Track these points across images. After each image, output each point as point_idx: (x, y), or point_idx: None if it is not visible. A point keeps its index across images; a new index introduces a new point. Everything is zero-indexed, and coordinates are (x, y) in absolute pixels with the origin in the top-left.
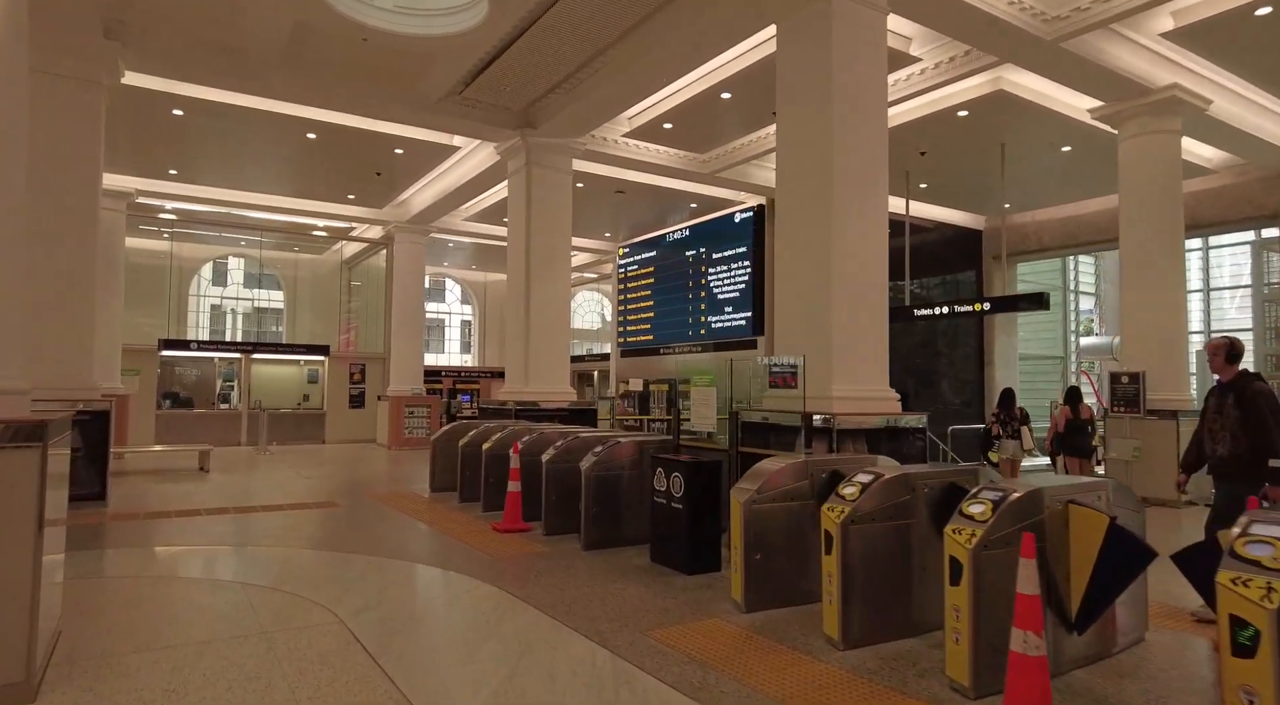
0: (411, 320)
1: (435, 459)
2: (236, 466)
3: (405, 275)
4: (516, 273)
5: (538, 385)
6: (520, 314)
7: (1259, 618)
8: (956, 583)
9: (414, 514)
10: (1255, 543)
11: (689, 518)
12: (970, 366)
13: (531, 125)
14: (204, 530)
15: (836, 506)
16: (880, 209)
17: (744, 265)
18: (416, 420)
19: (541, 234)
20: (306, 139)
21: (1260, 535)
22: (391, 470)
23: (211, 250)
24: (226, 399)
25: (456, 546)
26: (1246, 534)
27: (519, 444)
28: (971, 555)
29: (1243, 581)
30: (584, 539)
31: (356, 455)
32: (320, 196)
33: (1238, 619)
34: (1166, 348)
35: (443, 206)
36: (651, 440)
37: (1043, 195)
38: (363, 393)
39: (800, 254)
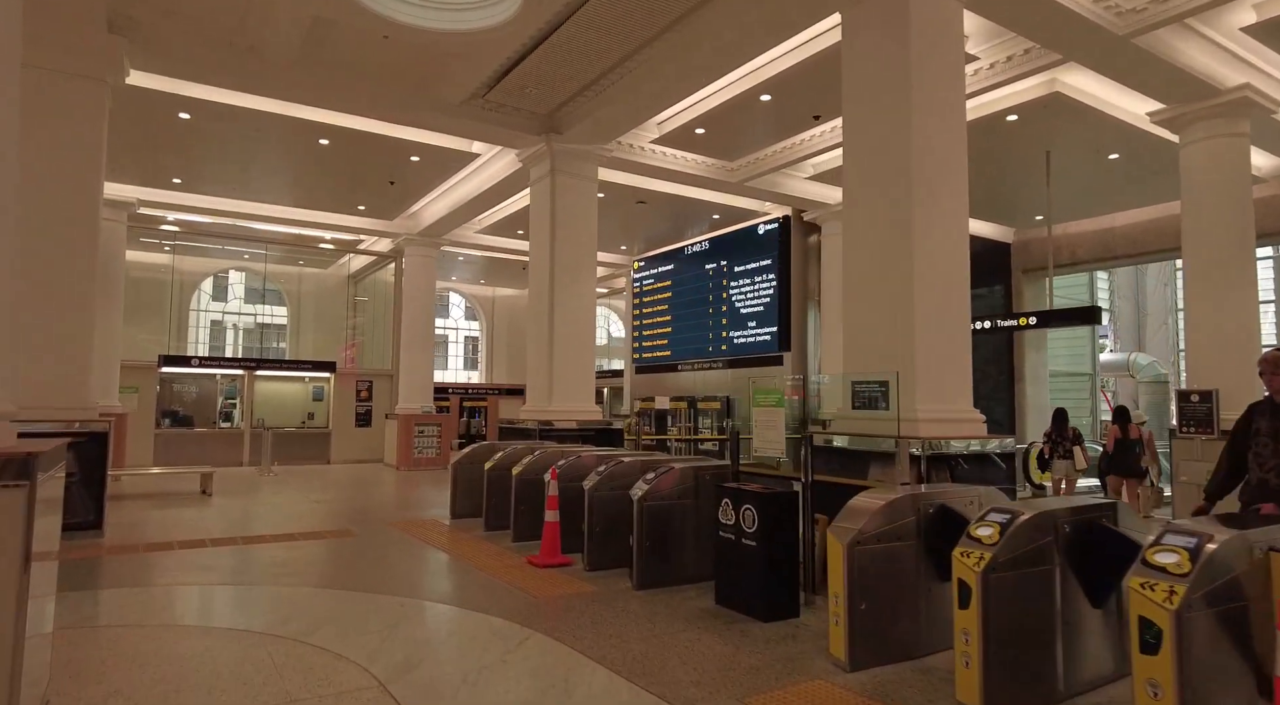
0: (421, 336)
1: (456, 483)
2: (240, 489)
3: (415, 289)
4: (539, 285)
5: (562, 404)
6: (543, 329)
7: (1162, 618)
8: (1154, 651)
9: (438, 545)
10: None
11: (764, 557)
12: (1000, 384)
13: (557, 130)
14: (210, 565)
15: (972, 551)
16: (961, 213)
17: (769, 278)
18: (426, 440)
19: (566, 244)
20: (318, 145)
21: (1170, 545)
22: (404, 494)
23: (213, 264)
24: (229, 417)
25: (494, 585)
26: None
27: (556, 469)
28: (1174, 618)
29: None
30: (636, 577)
31: (364, 476)
32: (329, 207)
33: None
34: (1240, 364)
35: (456, 218)
36: (707, 466)
37: (1077, 207)
38: (370, 411)
39: (877, 262)
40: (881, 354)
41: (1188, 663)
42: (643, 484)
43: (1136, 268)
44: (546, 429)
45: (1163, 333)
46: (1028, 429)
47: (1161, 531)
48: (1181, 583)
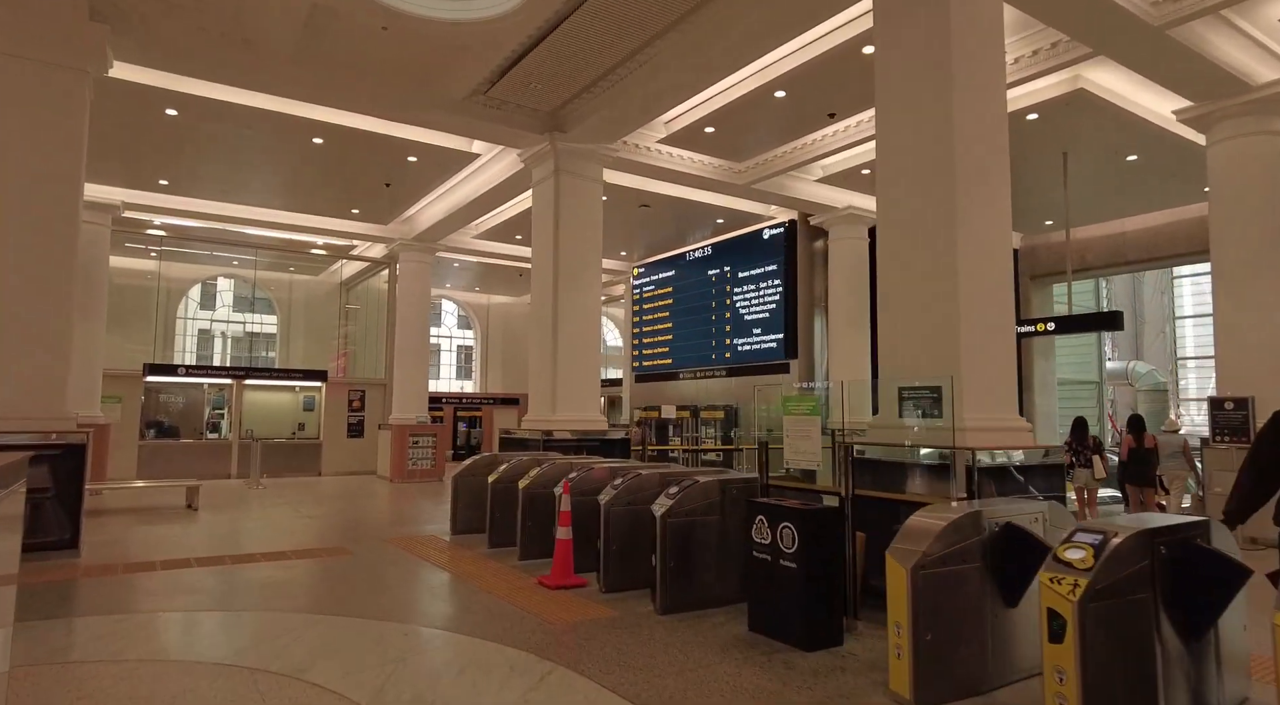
0: (416, 344)
1: (457, 497)
2: (227, 503)
3: (410, 296)
4: (542, 290)
5: (566, 413)
6: (546, 335)
7: (1066, 609)
8: None
9: (440, 564)
10: (1073, 547)
11: (805, 579)
12: None
13: (561, 129)
14: (196, 587)
15: (1064, 577)
16: (1004, 209)
17: (774, 284)
18: (421, 451)
19: (570, 248)
20: (312, 145)
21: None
22: (400, 508)
23: (201, 271)
24: (216, 428)
25: (505, 610)
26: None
27: (568, 482)
28: None
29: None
30: (660, 600)
31: (357, 489)
32: (322, 211)
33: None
34: (1274, 370)
35: (453, 222)
36: (734, 479)
37: (1089, 211)
38: (362, 421)
39: (919, 263)
40: (925, 360)
41: None
42: (665, 499)
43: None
44: (549, 440)
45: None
46: (1037, 439)
47: None
48: None
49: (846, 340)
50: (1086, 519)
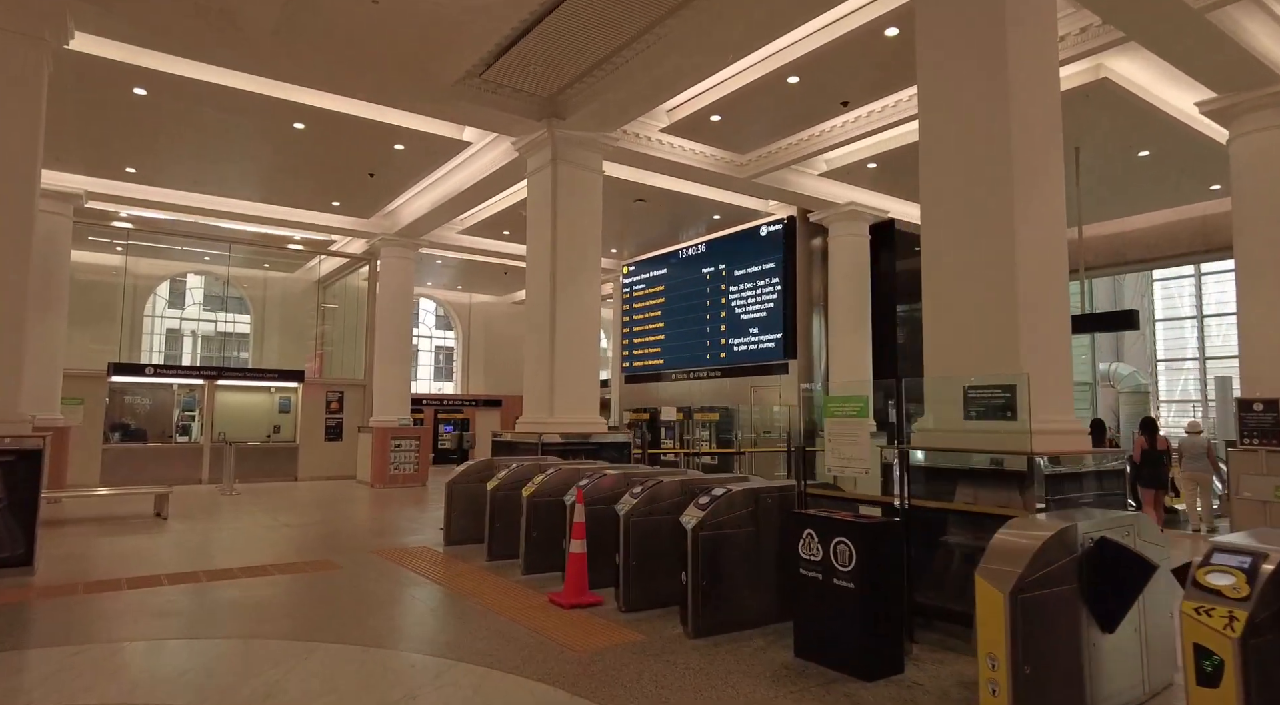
0: (398, 343)
1: (451, 505)
2: (199, 511)
3: (391, 293)
4: (538, 286)
5: (565, 415)
6: (543, 334)
7: (1223, 647)
8: None
9: (437, 579)
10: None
11: (864, 601)
12: None
13: (559, 115)
14: (168, 609)
15: (1214, 608)
16: (1059, 196)
17: (772, 282)
18: (404, 454)
19: (569, 241)
20: (293, 130)
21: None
22: (385, 515)
23: (170, 267)
24: (186, 431)
25: (518, 634)
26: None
27: (581, 490)
28: None
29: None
30: (692, 622)
31: (337, 495)
32: (301, 203)
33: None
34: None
35: (439, 216)
36: (768, 488)
37: (1091, 209)
38: (340, 424)
39: (971, 254)
40: (979, 360)
41: None
42: (696, 510)
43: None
44: (547, 443)
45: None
46: None
47: None
48: None
49: (847, 340)
50: None
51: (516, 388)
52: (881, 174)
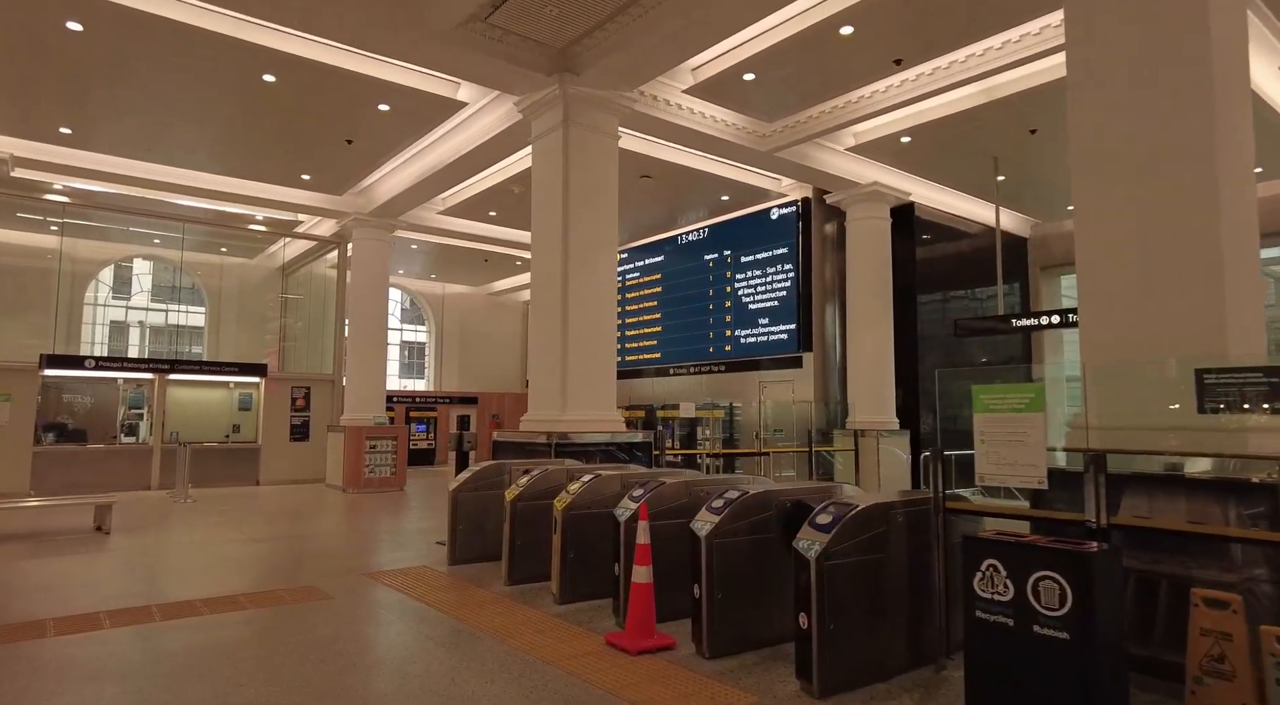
0: (373, 334)
1: (456, 516)
2: (149, 523)
3: (365, 279)
4: (547, 268)
5: (579, 412)
6: (553, 322)
7: None
8: None
9: (456, 613)
10: None
11: (1083, 657)
12: None
13: (573, 70)
14: (105, 666)
15: None
16: (1250, 150)
17: (785, 269)
18: (380, 456)
19: (583, 216)
20: (261, 83)
21: None
22: (367, 526)
23: (114, 250)
24: (133, 431)
25: (583, 694)
26: None
27: (646, 504)
28: None
29: None
30: (818, 677)
31: (307, 501)
32: (266, 176)
33: None
34: None
35: (420, 193)
36: (896, 503)
37: None
38: (307, 422)
39: (1152, 215)
40: (1175, 336)
41: None
42: (815, 533)
43: None
44: (563, 443)
45: None
46: None
47: None
48: None
49: (866, 331)
50: None
51: (493, 384)
52: (912, 150)
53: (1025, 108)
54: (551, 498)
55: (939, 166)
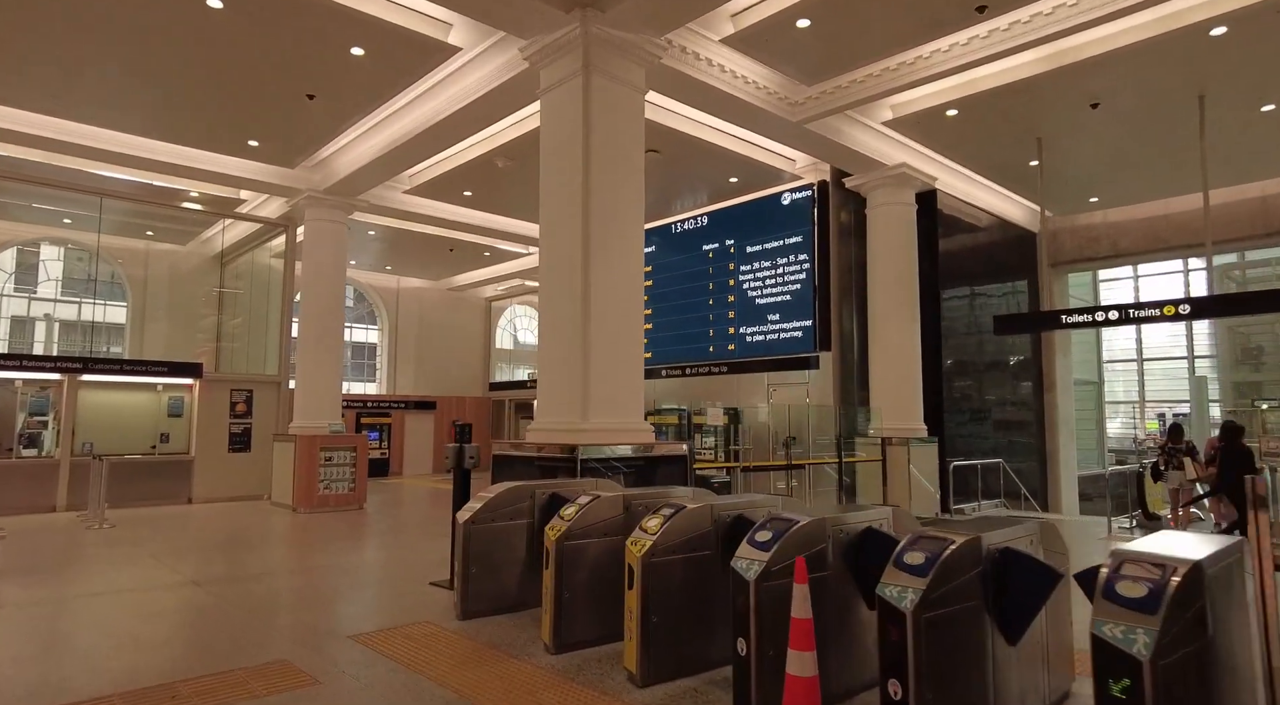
0: (327, 330)
1: (468, 556)
2: (50, 559)
3: (319, 267)
4: (561, 246)
5: (603, 418)
6: (570, 311)
7: None
8: None
9: (499, 699)
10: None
11: None
12: (1026, 392)
13: (596, 4)
14: None
15: None
16: None
17: (799, 260)
18: (336, 469)
19: (606, 184)
20: (206, 11)
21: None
22: (333, 558)
23: (15, 231)
24: (34, 442)
25: None
26: None
27: (804, 559)
28: None
29: None
30: None
31: (253, 525)
32: (205, 140)
33: None
34: None
35: (389, 165)
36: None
37: (1124, 189)
38: (249, 430)
39: None
40: None
41: None
42: (1119, 613)
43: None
44: (589, 459)
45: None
46: (1059, 445)
47: None
48: None
49: (890, 328)
50: None
51: (453, 387)
52: (951, 127)
53: (1092, 77)
54: (610, 535)
55: (974, 147)
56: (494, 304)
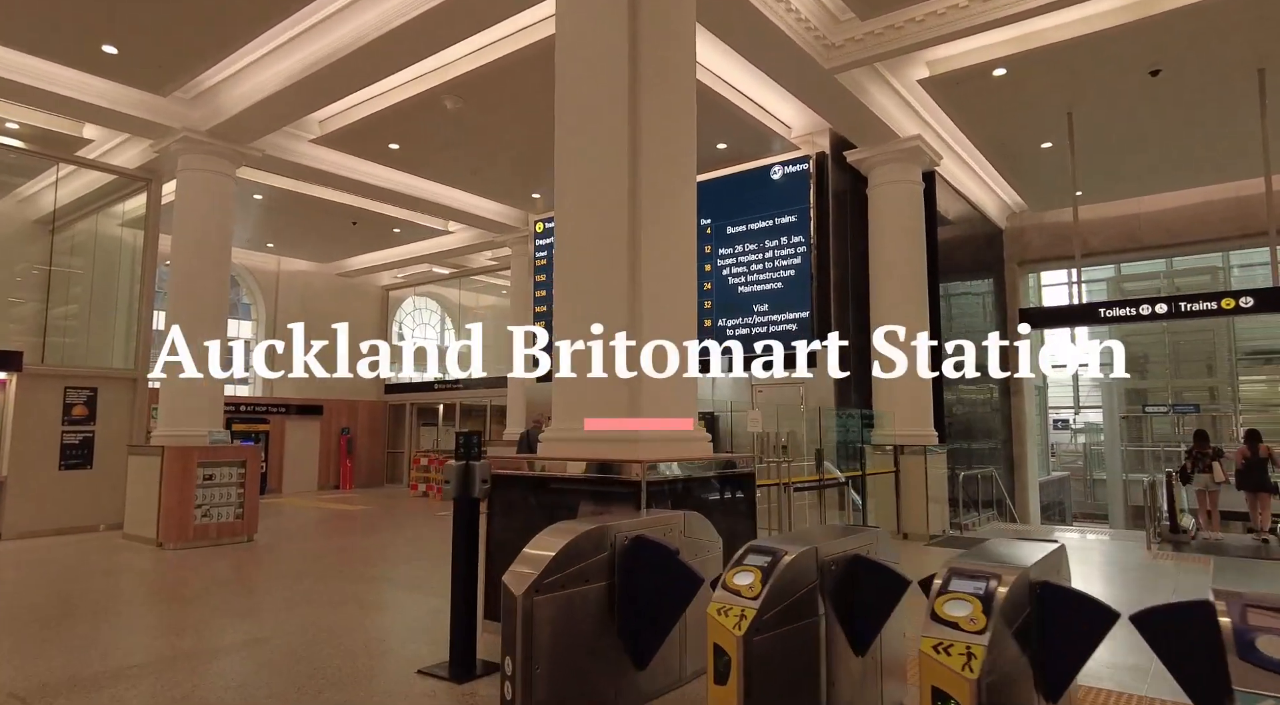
0: (207, 312)
1: (529, 644)
2: None
3: (199, 235)
4: (596, 196)
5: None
6: (616, 279)
7: (961, 690)
8: None
9: None
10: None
11: None
12: (996, 396)
13: None
14: None
15: None
16: None
17: (792, 243)
18: (220, 491)
19: (658, 108)
20: None
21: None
22: (235, 628)
23: None
24: None
25: None
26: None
27: None
28: None
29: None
30: None
31: (93, 573)
32: (32, 39)
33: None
34: None
35: (297, 100)
36: None
37: (1101, 186)
38: (91, 440)
39: None
40: None
41: None
42: None
43: None
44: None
45: None
46: (1026, 451)
47: None
48: None
49: (894, 319)
50: None
51: (344, 390)
52: (990, 92)
53: (1144, 38)
54: (804, 618)
55: (997, 121)
56: (391, 294)
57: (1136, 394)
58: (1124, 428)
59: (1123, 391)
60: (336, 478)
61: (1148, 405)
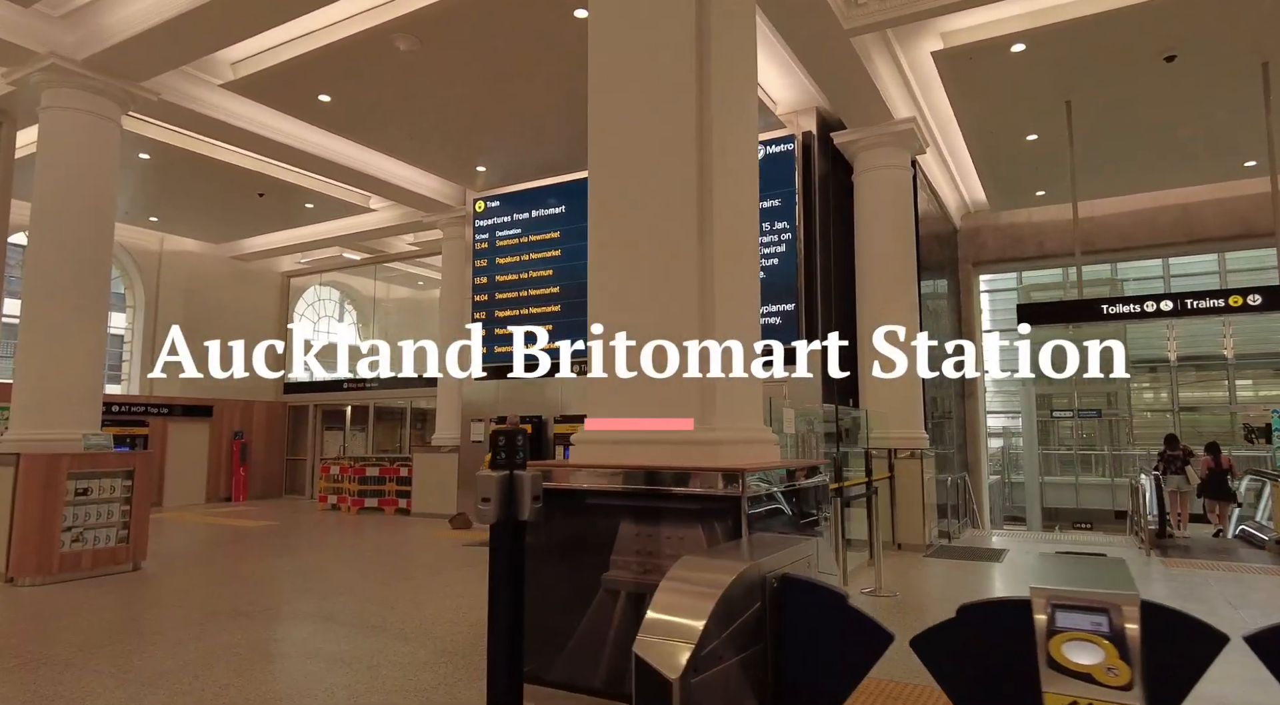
0: (85, 285)
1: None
2: None
3: (71, 187)
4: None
5: (729, 422)
6: (687, 257)
7: None
8: None
9: None
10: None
11: None
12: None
13: None
14: None
15: None
16: None
17: (776, 230)
18: (97, 508)
19: (727, 71)
20: None
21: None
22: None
23: None
24: None
25: None
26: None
27: None
28: None
29: None
30: None
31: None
32: None
33: None
34: None
35: (199, 32)
36: None
37: (1060, 188)
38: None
39: None
40: None
41: None
42: None
43: None
44: (758, 495)
45: None
46: (980, 455)
47: None
48: None
49: (887, 316)
50: None
51: (236, 388)
52: (1001, 70)
53: (1160, 21)
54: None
55: (995, 105)
56: (293, 281)
57: (1043, 399)
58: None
59: (1033, 396)
60: (228, 488)
61: (1055, 410)
